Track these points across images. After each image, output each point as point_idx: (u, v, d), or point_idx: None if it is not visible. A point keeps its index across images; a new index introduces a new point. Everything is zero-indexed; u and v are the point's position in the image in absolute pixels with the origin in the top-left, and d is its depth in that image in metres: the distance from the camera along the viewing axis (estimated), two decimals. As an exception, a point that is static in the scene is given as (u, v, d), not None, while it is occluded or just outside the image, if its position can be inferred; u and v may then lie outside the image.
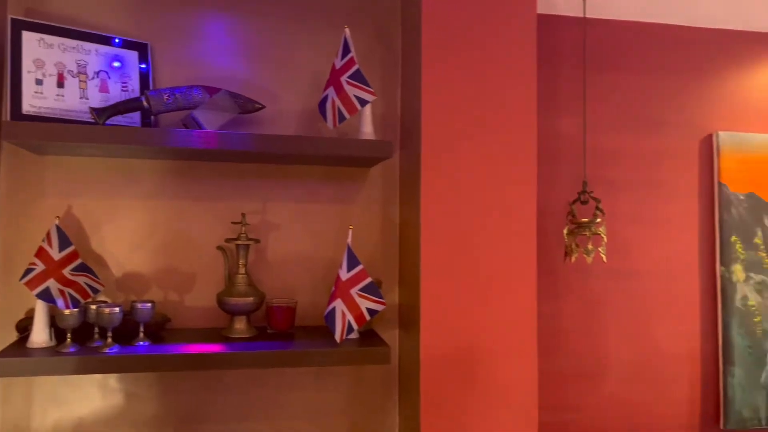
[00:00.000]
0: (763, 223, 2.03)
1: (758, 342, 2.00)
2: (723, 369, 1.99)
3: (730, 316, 1.99)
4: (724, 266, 2.00)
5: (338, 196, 1.78)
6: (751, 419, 1.98)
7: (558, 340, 1.92)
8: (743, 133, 2.04)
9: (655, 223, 2.00)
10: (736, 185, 2.02)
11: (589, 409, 1.93)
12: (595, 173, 1.94)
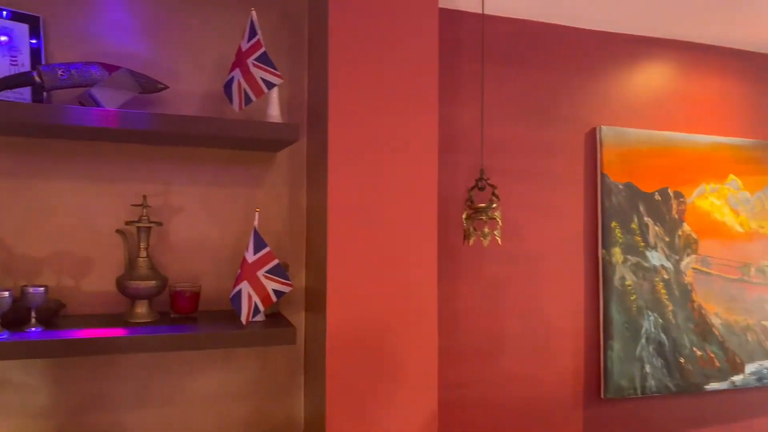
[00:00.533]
0: (639, 210, 2.24)
1: (634, 318, 2.21)
2: (604, 343, 2.17)
3: (610, 294, 2.18)
4: (605, 249, 2.18)
5: (244, 181, 1.78)
6: (627, 389, 2.18)
7: (457, 319, 2.02)
8: (623, 128, 2.23)
9: (545, 209, 2.15)
10: (616, 175, 2.21)
11: (485, 384, 2.04)
12: (492, 162, 2.05)
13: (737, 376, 2.34)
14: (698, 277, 2.31)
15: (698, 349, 2.29)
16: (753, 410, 2.40)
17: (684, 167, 2.30)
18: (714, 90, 2.40)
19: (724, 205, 2.36)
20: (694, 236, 2.31)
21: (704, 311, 2.31)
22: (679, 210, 2.30)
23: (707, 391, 2.30)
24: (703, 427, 2.32)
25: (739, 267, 2.38)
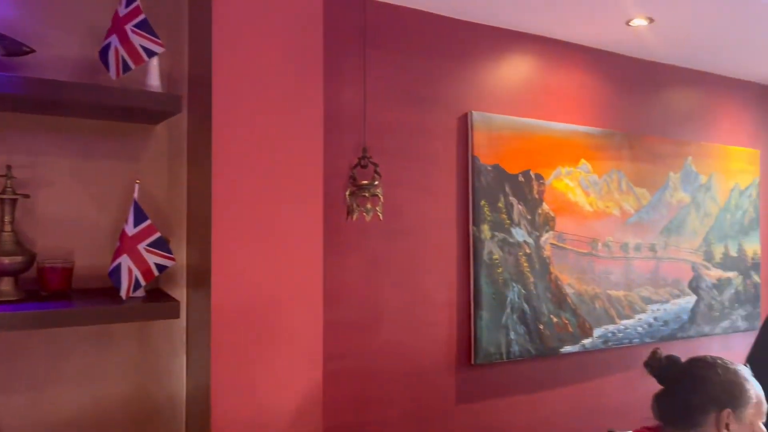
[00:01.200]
0: (505, 190, 2.44)
1: (500, 289, 2.40)
2: (474, 313, 2.34)
3: (480, 268, 2.35)
4: (475, 226, 2.35)
5: (121, 154, 1.71)
6: (494, 354, 2.38)
7: (341, 293, 2.09)
8: (491, 114, 2.41)
9: (422, 188, 2.27)
10: (485, 158, 2.38)
11: (367, 354, 2.13)
12: (374, 143, 2.12)
13: (587, 340, 2.63)
14: (555, 251, 2.56)
15: (555, 317, 2.54)
16: (601, 369, 2.71)
17: (543, 151, 2.54)
18: (569, 82, 2.66)
19: (576, 187, 2.63)
20: (551, 214, 2.56)
21: (560, 282, 2.57)
22: (539, 191, 2.53)
23: (562, 354, 2.56)
24: (560, 386, 2.59)
25: (589, 242, 2.67)
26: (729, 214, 3.17)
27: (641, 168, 2.84)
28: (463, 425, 2.32)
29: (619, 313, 2.74)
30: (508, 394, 2.43)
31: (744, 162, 3.24)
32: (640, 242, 2.83)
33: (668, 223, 2.94)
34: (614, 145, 2.75)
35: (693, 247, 3.03)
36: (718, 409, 1.41)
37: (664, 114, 2.99)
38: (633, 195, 2.82)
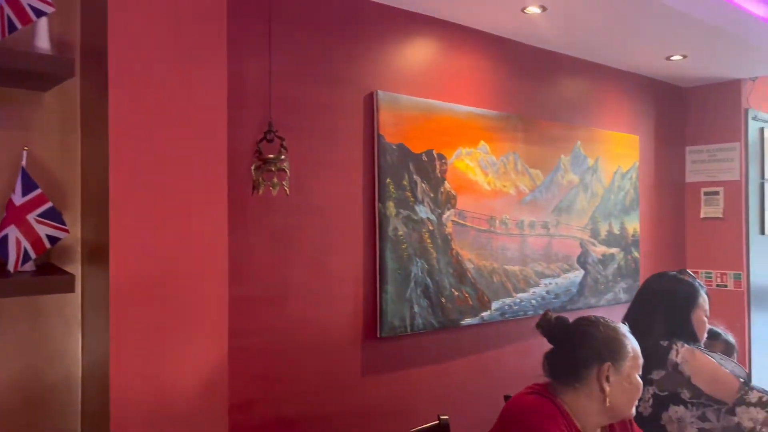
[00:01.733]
0: (409, 168, 2.51)
1: (405, 264, 2.48)
2: (379, 288, 2.40)
3: (385, 244, 2.41)
4: (381, 203, 2.41)
5: (7, 122, 1.60)
6: (399, 327, 2.45)
7: (247, 268, 2.07)
8: (396, 94, 2.47)
9: (330, 165, 2.29)
10: (390, 136, 2.44)
11: (274, 330, 2.13)
12: (281, 119, 2.09)
13: (485, 312, 2.77)
14: (456, 228, 2.67)
15: (456, 290, 2.65)
16: (498, 340, 2.86)
17: (446, 132, 2.63)
18: (469, 66, 2.77)
19: (476, 167, 2.75)
20: (453, 193, 2.66)
21: (461, 257, 2.68)
22: (441, 170, 2.62)
23: (463, 326, 2.69)
24: (460, 356, 2.71)
25: (487, 220, 2.80)
26: (613, 195, 3.44)
27: (535, 150, 3.01)
28: (370, 397, 2.38)
29: (515, 286, 2.90)
30: (412, 365, 2.52)
31: (626, 147, 3.52)
32: (534, 220, 3.01)
33: (559, 202, 3.14)
34: (510, 128, 2.90)
35: (581, 225, 3.26)
36: (599, 362, 1.54)
37: (556, 100, 3.18)
38: (528, 176, 2.98)
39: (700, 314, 2.06)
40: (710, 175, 3.89)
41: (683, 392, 1.90)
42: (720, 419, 1.88)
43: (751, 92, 3.79)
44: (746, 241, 3.78)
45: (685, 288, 2.08)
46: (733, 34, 2.92)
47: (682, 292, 2.07)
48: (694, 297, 2.06)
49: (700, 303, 2.07)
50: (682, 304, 2.04)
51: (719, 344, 2.28)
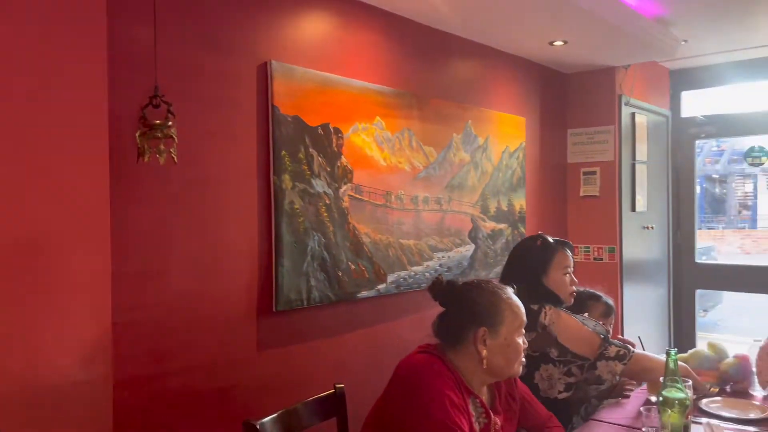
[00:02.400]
0: (305, 141, 2.49)
1: (301, 238, 2.47)
2: (275, 261, 2.38)
3: (281, 217, 2.39)
4: (276, 176, 2.38)
5: None
6: (296, 300, 2.44)
7: (133, 240, 1.98)
8: (291, 65, 2.44)
9: (222, 136, 2.23)
10: (285, 108, 2.41)
11: (164, 305, 2.05)
12: (170, 86, 1.99)
13: (381, 285, 2.82)
14: (353, 202, 2.69)
15: (352, 264, 2.68)
16: (394, 313, 2.93)
17: (342, 106, 2.64)
18: (366, 42, 2.79)
19: (372, 142, 2.78)
20: (349, 167, 2.68)
21: (357, 231, 2.71)
22: (338, 144, 2.63)
23: (359, 299, 2.72)
24: (357, 328, 2.75)
25: (383, 194, 2.85)
26: (501, 173, 3.61)
27: (429, 128, 3.09)
28: (266, 371, 2.35)
29: (410, 260, 2.98)
30: (309, 338, 2.52)
31: (513, 127, 3.70)
32: (428, 196, 3.10)
33: (452, 179, 3.25)
34: (405, 105, 2.95)
35: (472, 201, 3.39)
36: (475, 327, 1.62)
37: (449, 79, 3.28)
38: (422, 152, 3.06)
39: (557, 274, 2.16)
40: (588, 156, 4.18)
41: (551, 351, 2.03)
42: (584, 373, 2.03)
43: (624, 79, 4.11)
44: (619, 218, 4.11)
45: (535, 251, 2.19)
46: (608, 22, 3.14)
47: (532, 255, 2.18)
48: (547, 258, 2.17)
49: (556, 263, 2.17)
50: (534, 265, 2.15)
51: (600, 306, 2.44)
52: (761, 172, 14.16)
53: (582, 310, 2.43)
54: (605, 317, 2.42)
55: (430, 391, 1.52)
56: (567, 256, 2.22)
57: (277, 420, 1.79)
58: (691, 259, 4.80)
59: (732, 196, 15.23)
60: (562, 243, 2.25)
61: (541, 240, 2.23)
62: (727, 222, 15.05)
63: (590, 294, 2.48)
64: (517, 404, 1.77)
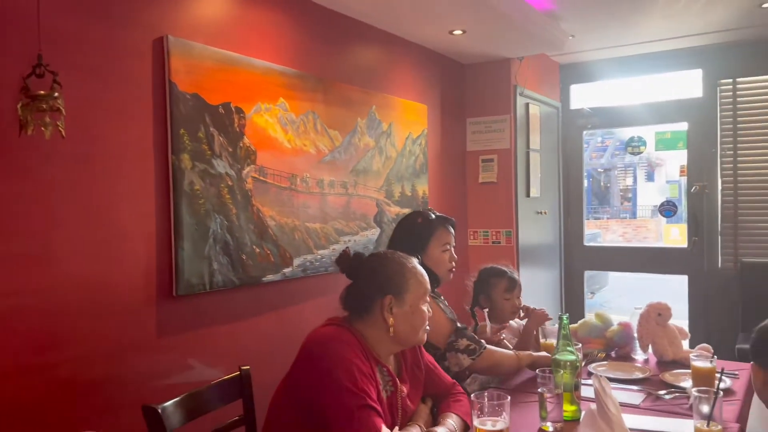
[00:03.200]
0: (206, 120, 2.41)
1: (202, 220, 2.39)
2: (175, 244, 2.29)
3: (180, 198, 2.30)
4: (174, 155, 2.29)
5: None
6: (197, 285, 2.36)
7: (15, 221, 1.83)
8: (190, 41, 2.35)
9: (115, 111, 2.11)
10: (184, 85, 2.32)
11: (51, 290, 1.91)
12: (56, 56, 1.85)
13: (287, 269, 2.79)
14: (257, 184, 2.64)
15: (257, 247, 2.63)
16: (300, 297, 2.90)
17: (244, 85, 2.58)
18: (268, 21, 2.74)
19: (276, 123, 2.74)
20: (252, 148, 2.63)
21: (262, 214, 2.66)
22: (240, 124, 2.57)
23: (264, 283, 2.68)
24: (263, 313, 2.70)
25: (288, 177, 2.82)
26: (405, 159, 3.67)
27: (333, 112, 3.09)
28: (168, 357, 2.26)
29: (316, 243, 2.96)
30: (213, 323, 2.45)
31: (415, 114, 3.78)
32: (334, 179, 3.10)
33: (357, 163, 3.27)
34: (309, 87, 2.93)
35: (377, 186, 3.43)
36: (382, 295, 1.64)
37: (354, 64, 3.29)
38: (327, 136, 3.06)
39: (436, 251, 2.17)
40: (486, 144, 4.35)
41: None
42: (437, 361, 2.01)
43: (519, 71, 4.31)
44: (515, 203, 4.31)
45: (416, 227, 2.18)
46: (503, 12, 3.28)
47: (413, 231, 2.17)
48: (426, 234, 2.15)
49: (436, 240, 2.16)
50: (414, 241, 2.13)
51: (503, 281, 2.51)
52: (640, 166, 15.37)
53: (486, 288, 2.53)
54: (509, 292, 2.50)
55: (338, 360, 1.52)
56: (448, 233, 2.22)
57: (180, 404, 1.73)
58: (580, 243, 5.13)
59: (615, 189, 16.39)
60: (444, 220, 2.24)
61: (422, 216, 2.23)
62: (612, 213, 16.18)
63: (494, 271, 2.56)
64: (423, 373, 1.81)
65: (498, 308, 2.51)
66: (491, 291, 2.50)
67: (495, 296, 2.49)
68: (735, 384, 2.13)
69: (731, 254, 4.44)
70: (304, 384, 1.56)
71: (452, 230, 2.26)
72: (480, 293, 2.53)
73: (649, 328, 2.47)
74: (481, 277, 2.56)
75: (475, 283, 2.56)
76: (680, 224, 4.93)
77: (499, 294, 2.49)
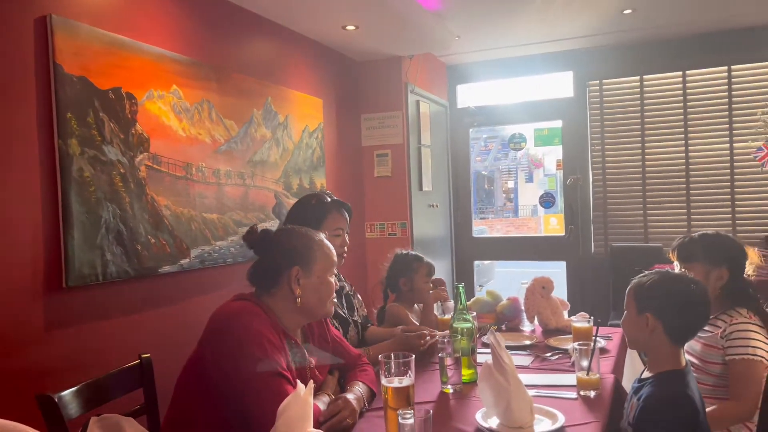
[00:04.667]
0: (95, 105, 2.32)
1: (93, 208, 2.29)
2: (64, 233, 2.18)
3: (69, 185, 2.19)
4: (61, 140, 2.18)
5: None
6: (89, 276, 2.26)
7: None
8: (77, 22, 2.25)
9: (-8, 91, 1.98)
10: (70, 67, 2.22)
11: None
12: None
13: (185, 260, 2.73)
14: (151, 173, 2.57)
15: (152, 237, 2.56)
16: (198, 288, 2.84)
17: (135, 71, 2.50)
18: (161, 7, 2.68)
19: (169, 111, 2.68)
20: (145, 136, 2.55)
21: (157, 203, 2.59)
22: (131, 110, 2.49)
23: (160, 274, 2.60)
24: (160, 305, 2.62)
25: (183, 166, 2.76)
26: (302, 152, 3.70)
27: (229, 101, 3.07)
28: (57, 352, 2.14)
29: (214, 234, 2.92)
30: (107, 315, 2.35)
31: (311, 108, 3.82)
32: (231, 170, 3.07)
33: (254, 154, 3.26)
34: (203, 76, 2.89)
35: (275, 177, 3.44)
36: (289, 267, 1.67)
37: (249, 55, 3.28)
38: (222, 125, 3.02)
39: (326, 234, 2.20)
40: (380, 139, 4.48)
41: None
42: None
43: (409, 69, 4.48)
44: (409, 196, 4.47)
45: (309, 210, 2.19)
46: (393, 9, 3.41)
47: (307, 213, 2.17)
48: (319, 217, 2.15)
49: (328, 223, 2.16)
50: (306, 224, 2.03)
51: (424, 266, 2.65)
52: (520, 168, 16.34)
53: (409, 271, 2.63)
54: (429, 276, 2.65)
55: (248, 332, 1.54)
56: (342, 217, 2.24)
57: (78, 393, 1.67)
58: (469, 234, 5.40)
59: (498, 190, 17.32)
60: (339, 204, 2.26)
61: (316, 199, 2.24)
62: (495, 212, 17.06)
63: (415, 256, 2.69)
64: (330, 345, 1.86)
65: (417, 290, 2.62)
66: (414, 275, 2.61)
67: (417, 280, 2.62)
68: (609, 344, 2.37)
69: (602, 240, 4.88)
70: (214, 358, 1.56)
71: (347, 216, 2.28)
72: (401, 276, 2.62)
73: (534, 300, 2.68)
74: (402, 261, 2.66)
75: (392, 267, 2.66)
76: (558, 214, 5.31)
77: (420, 278, 2.62)
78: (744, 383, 1.86)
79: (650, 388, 1.55)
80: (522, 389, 1.54)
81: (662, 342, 1.59)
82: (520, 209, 16.79)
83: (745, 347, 1.88)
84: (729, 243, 2.09)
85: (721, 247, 2.06)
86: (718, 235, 2.12)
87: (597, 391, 1.79)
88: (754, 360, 1.86)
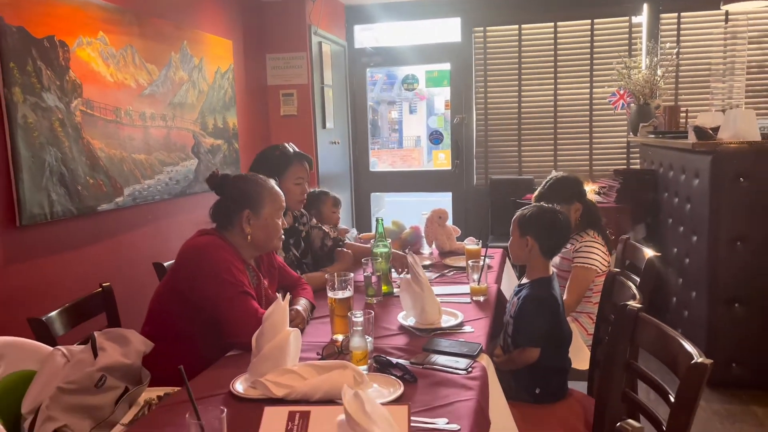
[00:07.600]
0: (33, 54, 2.42)
1: (38, 153, 2.45)
2: (14, 177, 2.34)
3: (15, 131, 2.33)
4: (6, 88, 2.30)
5: None
6: (39, 215, 2.44)
7: None
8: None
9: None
10: (10, 18, 2.31)
11: None
12: None
13: (119, 198, 2.94)
14: (85, 117, 2.72)
15: (90, 178, 2.74)
16: (132, 224, 3.07)
17: (65, 18, 2.60)
18: (82, -47, 2.73)
19: (98, 57, 2.81)
20: (78, 82, 2.68)
21: (92, 146, 2.76)
22: (65, 58, 2.60)
23: (100, 212, 2.81)
24: (102, 240, 2.84)
25: (113, 110, 2.92)
26: (215, 93, 3.89)
27: (150, 46, 3.20)
28: (13, 287, 2.35)
29: (143, 174, 3.13)
30: (57, 251, 2.56)
31: (222, 50, 3.98)
32: (155, 112, 3.24)
33: (173, 97, 3.43)
34: (126, 21, 3.00)
35: (193, 118, 3.63)
36: (242, 209, 2.00)
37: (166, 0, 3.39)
38: (145, 70, 3.17)
39: (289, 183, 2.43)
40: (286, 79, 4.72)
41: None
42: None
43: (312, 11, 4.70)
44: (314, 134, 4.79)
45: (273, 160, 2.42)
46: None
47: (270, 163, 2.39)
48: (282, 167, 2.39)
49: (291, 173, 2.41)
50: (270, 173, 2.25)
51: (330, 199, 3.12)
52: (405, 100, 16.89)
53: (317, 204, 3.02)
54: (335, 206, 3.08)
55: (217, 259, 1.88)
56: (303, 168, 2.51)
57: (57, 317, 1.93)
58: (367, 169, 5.85)
59: (384, 121, 17.86)
60: (300, 155, 2.55)
61: (280, 150, 2.51)
62: (381, 143, 17.64)
63: (322, 192, 3.11)
64: (276, 271, 2.25)
65: (326, 220, 3.03)
66: (322, 207, 3.02)
67: (325, 210, 3.03)
68: (491, 262, 2.96)
69: (483, 173, 5.53)
70: (190, 284, 1.89)
71: (307, 166, 2.55)
72: (311, 209, 3.01)
73: (432, 228, 3.20)
74: (311, 197, 3.03)
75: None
76: (446, 150, 5.89)
77: (328, 209, 3.03)
78: (575, 283, 2.51)
79: (527, 290, 2.11)
80: (433, 296, 2.04)
81: (537, 257, 2.13)
82: (404, 140, 17.52)
83: (586, 258, 2.52)
84: (571, 182, 2.68)
85: (566, 186, 2.64)
86: (564, 178, 2.69)
87: (485, 296, 2.34)
88: (588, 267, 2.50)
